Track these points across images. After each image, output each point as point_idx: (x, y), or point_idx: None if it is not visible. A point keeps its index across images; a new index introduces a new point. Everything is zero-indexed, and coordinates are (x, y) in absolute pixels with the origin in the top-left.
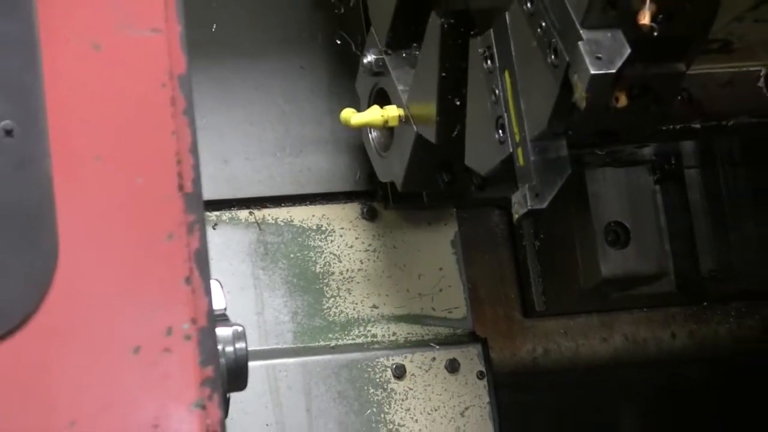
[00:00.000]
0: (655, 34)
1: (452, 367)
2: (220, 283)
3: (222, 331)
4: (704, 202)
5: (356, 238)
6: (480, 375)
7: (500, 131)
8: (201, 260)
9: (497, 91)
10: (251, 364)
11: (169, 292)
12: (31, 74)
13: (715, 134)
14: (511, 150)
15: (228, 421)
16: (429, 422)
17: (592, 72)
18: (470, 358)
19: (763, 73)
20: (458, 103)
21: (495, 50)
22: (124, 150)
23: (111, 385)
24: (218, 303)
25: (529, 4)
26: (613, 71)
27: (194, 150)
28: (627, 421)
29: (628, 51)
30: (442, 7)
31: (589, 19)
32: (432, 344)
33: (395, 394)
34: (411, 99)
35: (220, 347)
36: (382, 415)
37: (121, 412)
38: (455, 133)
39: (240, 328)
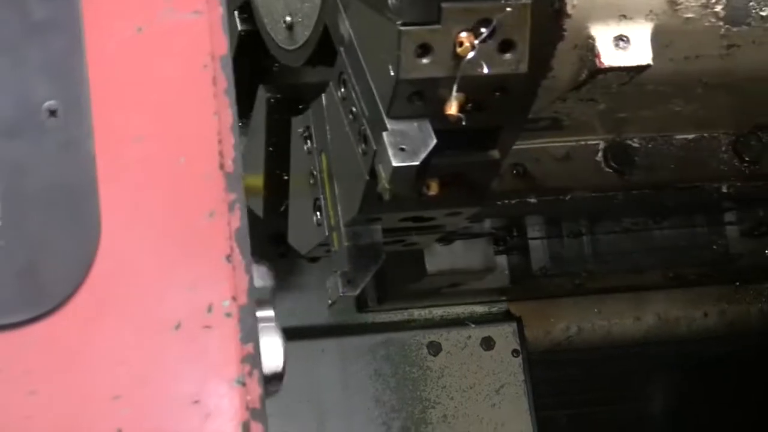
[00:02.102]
0: (464, 123)
1: (487, 345)
2: (269, 268)
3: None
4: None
5: None
6: (515, 353)
7: (318, 213)
8: (241, 238)
9: (315, 173)
10: (290, 343)
11: (210, 269)
12: (75, 56)
13: (554, 208)
14: (327, 233)
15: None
16: (464, 399)
17: (394, 164)
18: (505, 336)
19: (601, 147)
20: (286, 178)
21: (313, 131)
22: (166, 130)
23: (152, 361)
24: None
25: (342, 89)
26: (416, 163)
27: (235, 130)
28: (658, 398)
29: (434, 142)
30: (270, 81)
31: (395, 109)
32: (467, 322)
33: (431, 371)
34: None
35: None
36: (418, 393)
37: (163, 388)
38: (283, 207)
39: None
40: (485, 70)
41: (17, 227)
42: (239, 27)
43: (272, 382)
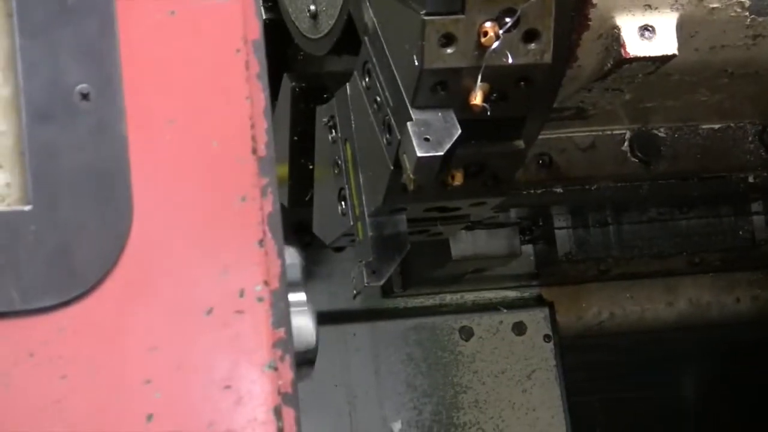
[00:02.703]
0: (489, 113)
1: (519, 330)
2: (299, 253)
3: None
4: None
5: None
6: (546, 338)
7: (342, 203)
8: (274, 223)
9: (339, 162)
10: (322, 327)
11: (242, 254)
12: (107, 39)
13: (579, 198)
14: (351, 223)
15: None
16: (496, 384)
17: (419, 155)
18: (537, 321)
19: (626, 136)
20: (311, 167)
21: (338, 120)
22: (198, 114)
23: (184, 345)
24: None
25: (367, 78)
26: (441, 154)
27: (267, 114)
28: (690, 384)
29: (458, 132)
30: (295, 70)
31: (420, 99)
32: (499, 307)
33: (462, 356)
34: None
35: None
36: (450, 377)
37: (195, 373)
38: (308, 197)
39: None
40: (509, 60)
41: (49, 211)
42: (263, 15)
43: (305, 362)
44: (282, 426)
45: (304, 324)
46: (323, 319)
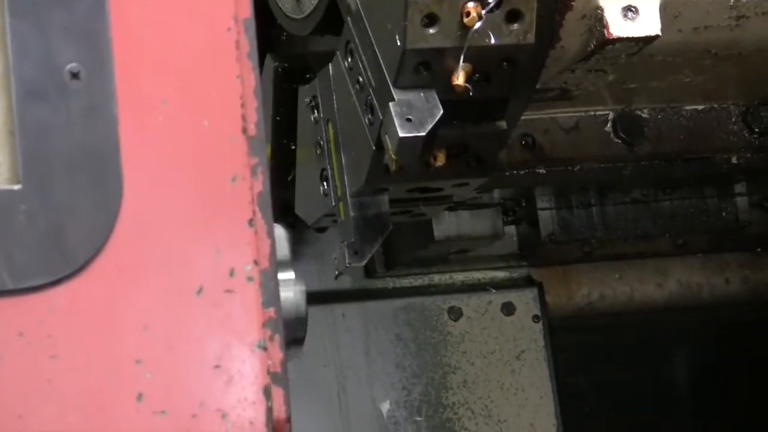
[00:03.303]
0: (471, 94)
1: (508, 310)
2: (285, 229)
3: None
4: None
5: None
6: (535, 318)
7: (324, 184)
8: (264, 203)
9: (322, 143)
10: (311, 307)
11: (233, 234)
12: (98, 18)
13: (563, 179)
14: (333, 203)
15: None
16: (485, 365)
17: (401, 135)
18: (526, 302)
19: (610, 117)
20: (293, 147)
21: (320, 101)
22: (189, 93)
23: (174, 325)
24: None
25: (349, 59)
26: (423, 134)
27: (258, 93)
28: (680, 365)
29: (440, 113)
30: (278, 50)
31: (402, 79)
32: (488, 288)
33: (451, 336)
34: None
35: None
36: (439, 358)
37: (185, 352)
38: (291, 177)
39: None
40: (492, 41)
41: (39, 190)
42: None
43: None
44: (271, 405)
45: (292, 296)
46: (313, 299)
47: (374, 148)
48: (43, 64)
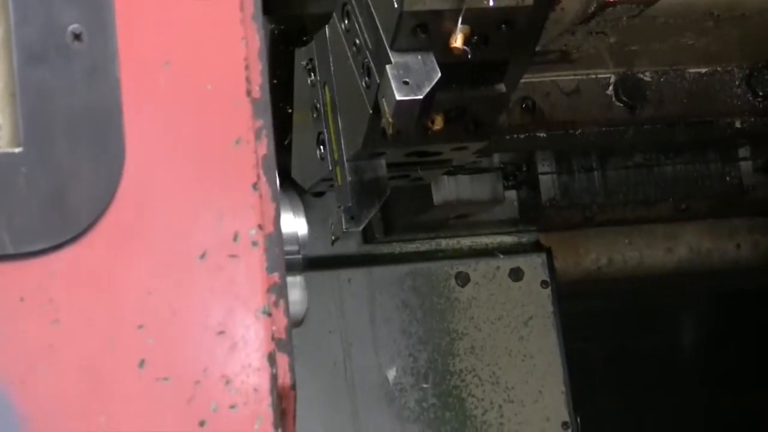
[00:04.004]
0: (469, 57)
1: (516, 275)
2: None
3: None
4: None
5: None
6: (544, 284)
7: (321, 147)
8: (268, 166)
9: (318, 106)
10: (316, 272)
11: (237, 198)
12: None
13: (563, 143)
14: (330, 168)
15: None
16: (492, 331)
17: (397, 98)
18: (534, 267)
19: (612, 80)
20: (290, 111)
21: (316, 63)
22: (192, 55)
23: (177, 290)
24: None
25: (346, 21)
26: (420, 97)
27: (262, 56)
28: (690, 331)
29: (438, 76)
30: (274, 12)
31: (399, 41)
32: (496, 253)
33: (459, 302)
34: None
35: None
36: (445, 324)
37: (188, 318)
38: (287, 141)
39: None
40: (491, 3)
41: (40, 153)
42: None
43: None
44: (276, 372)
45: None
46: (318, 264)
47: (371, 111)
48: (45, 25)
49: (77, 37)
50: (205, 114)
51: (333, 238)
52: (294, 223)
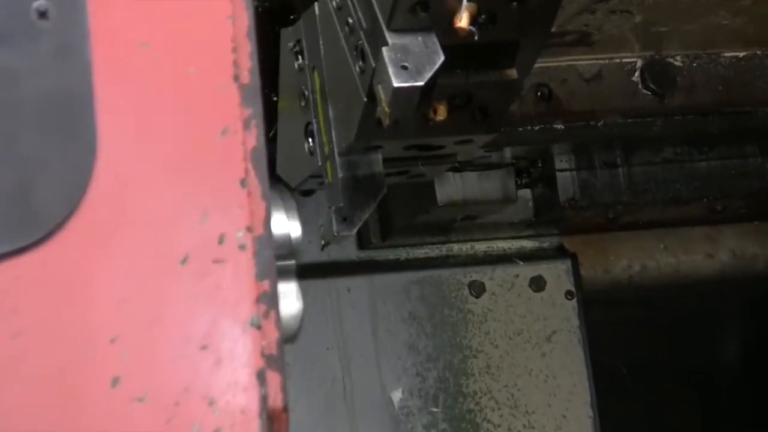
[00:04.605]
0: (476, 38)
1: (537, 285)
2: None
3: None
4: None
5: None
6: (569, 294)
7: (310, 140)
8: (258, 160)
9: (306, 93)
10: (312, 281)
11: (222, 195)
12: None
13: (583, 135)
14: (320, 163)
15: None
16: (510, 348)
17: (395, 85)
18: (558, 275)
19: (638, 65)
20: (275, 99)
21: (305, 45)
22: (173, 35)
23: (155, 299)
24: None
25: None
26: (420, 84)
27: (252, 36)
28: (732, 345)
29: (441, 59)
30: None
31: (397, 20)
32: (515, 259)
33: (472, 315)
34: None
35: None
36: (458, 339)
37: (167, 330)
38: (272, 133)
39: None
40: None
41: (2, 144)
42: None
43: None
44: (266, 392)
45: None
46: (313, 271)
47: (365, 99)
48: (7, 1)
49: (42, 14)
50: (188, 101)
51: (323, 242)
52: (287, 225)
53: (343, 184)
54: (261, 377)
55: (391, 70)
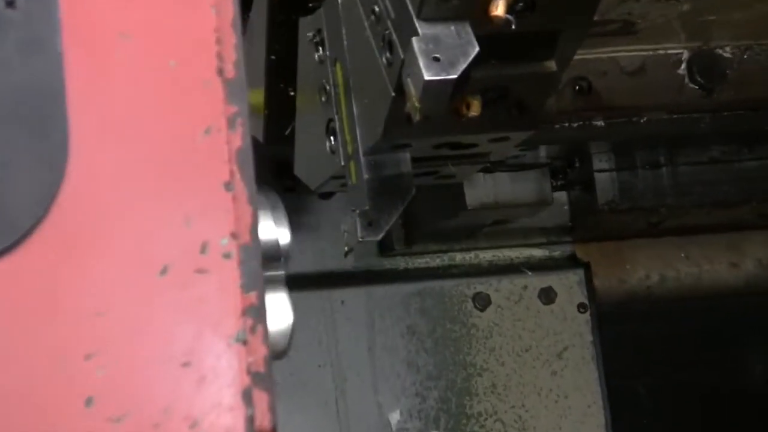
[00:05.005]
0: (513, 27)
1: (547, 297)
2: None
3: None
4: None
5: None
6: (581, 308)
7: (332, 138)
8: (244, 161)
9: (328, 88)
10: (304, 292)
11: (205, 199)
12: None
13: (625, 133)
14: (342, 163)
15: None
16: (518, 365)
17: (426, 78)
18: (569, 286)
19: (684, 57)
20: (292, 93)
21: (326, 35)
22: (152, 26)
23: (133, 311)
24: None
25: None
26: (453, 77)
27: (237, 26)
28: (757, 361)
29: (476, 50)
30: None
31: (428, 8)
32: (523, 269)
33: (477, 330)
34: None
35: None
36: (461, 356)
37: (146, 345)
38: (289, 130)
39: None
40: None
41: None
42: None
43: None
44: (253, 413)
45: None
46: (306, 282)
47: (393, 93)
48: None
49: (10, 3)
50: (168, 97)
51: (346, 249)
52: (275, 231)
53: (368, 186)
54: (247, 396)
55: (421, 62)
